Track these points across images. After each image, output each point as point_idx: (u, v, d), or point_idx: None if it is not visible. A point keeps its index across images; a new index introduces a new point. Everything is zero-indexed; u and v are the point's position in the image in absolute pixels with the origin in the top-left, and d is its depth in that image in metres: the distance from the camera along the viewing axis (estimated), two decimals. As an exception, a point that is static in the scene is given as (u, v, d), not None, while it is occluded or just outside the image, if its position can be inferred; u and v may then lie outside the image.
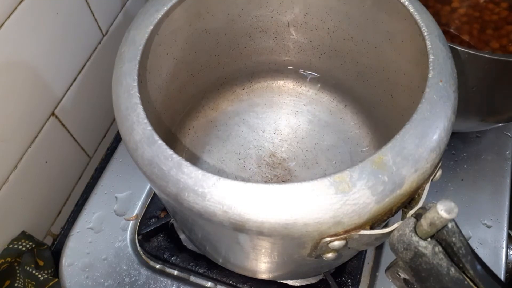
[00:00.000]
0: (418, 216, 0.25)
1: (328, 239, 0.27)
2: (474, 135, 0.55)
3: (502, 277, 0.45)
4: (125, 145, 0.30)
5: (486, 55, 0.36)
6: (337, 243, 0.27)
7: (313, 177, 0.26)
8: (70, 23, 0.44)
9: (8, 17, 0.37)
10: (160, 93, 0.41)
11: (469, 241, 0.47)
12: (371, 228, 0.27)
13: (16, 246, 0.44)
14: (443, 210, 0.22)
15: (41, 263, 0.46)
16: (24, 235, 0.45)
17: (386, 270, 0.30)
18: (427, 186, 0.28)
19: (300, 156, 0.49)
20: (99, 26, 0.49)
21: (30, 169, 0.44)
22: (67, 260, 0.47)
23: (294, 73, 0.52)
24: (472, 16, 0.55)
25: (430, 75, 0.30)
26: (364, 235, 0.26)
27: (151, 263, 0.47)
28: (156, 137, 0.29)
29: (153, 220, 0.48)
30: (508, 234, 0.48)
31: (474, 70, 0.38)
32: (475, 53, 0.36)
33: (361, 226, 0.26)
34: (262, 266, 0.38)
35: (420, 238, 0.24)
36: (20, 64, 0.40)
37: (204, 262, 0.46)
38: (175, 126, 0.48)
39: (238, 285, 0.44)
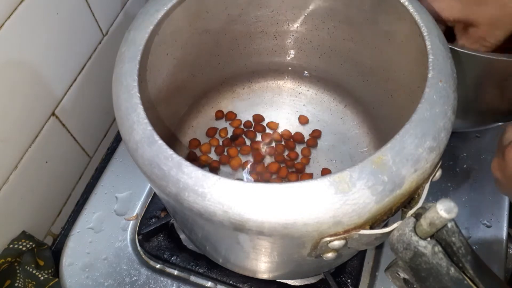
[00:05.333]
0: (417, 216, 0.25)
1: (328, 239, 0.27)
2: (474, 135, 0.55)
3: (502, 277, 0.45)
4: (125, 145, 0.31)
5: (484, 55, 0.36)
6: (337, 243, 0.27)
7: (313, 177, 0.26)
8: (70, 23, 0.44)
9: (9, 17, 0.37)
10: (160, 93, 0.41)
11: (469, 241, 0.47)
12: (371, 228, 0.27)
13: (16, 246, 0.44)
14: (442, 210, 0.22)
15: (41, 263, 0.46)
16: (25, 235, 0.45)
17: (386, 270, 0.30)
18: (427, 186, 0.28)
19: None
20: (99, 26, 0.49)
21: (30, 169, 0.44)
22: (67, 260, 0.47)
23: (294, 73, 0.52)
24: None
25: (430, 75, 0.30)
26: (364, 235, 0.26)
27: (151, 263, 0.47)
28: (156, 137, 0.29)
29: (153, 220, 0.48)
30: (508, 234, 0.48)
31: (472, 70, 0.38)
32: (473, 53, 0.36)
33: (361, 226, 0.26)
34: (262, 266, 0.38)
35: (420, 237, 0.24)
36: (20, 64, 0.40)
37: (204, 262, 0.46)
38: (175, 126, 0.48)
39: (238, 285, 0.45)
